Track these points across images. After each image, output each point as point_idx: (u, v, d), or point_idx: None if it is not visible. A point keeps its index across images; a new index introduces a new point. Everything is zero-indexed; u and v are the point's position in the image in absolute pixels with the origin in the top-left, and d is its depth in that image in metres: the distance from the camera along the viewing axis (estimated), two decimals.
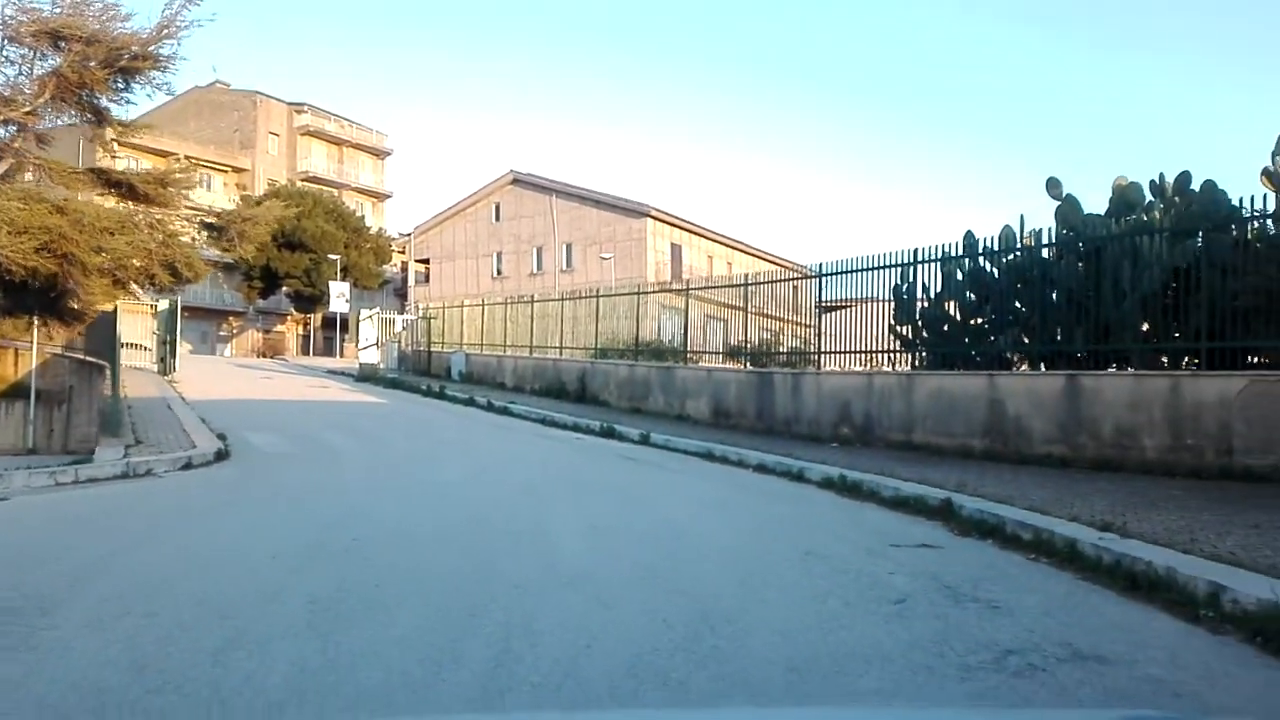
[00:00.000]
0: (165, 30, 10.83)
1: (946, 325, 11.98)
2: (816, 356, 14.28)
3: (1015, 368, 11.14)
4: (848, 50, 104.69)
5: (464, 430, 14.72)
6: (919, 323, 12.20)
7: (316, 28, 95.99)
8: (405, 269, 56.30)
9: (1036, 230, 10.77)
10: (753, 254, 47.88)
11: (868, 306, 13.12)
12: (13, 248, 8.68)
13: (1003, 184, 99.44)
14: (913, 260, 12.05)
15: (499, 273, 48.63)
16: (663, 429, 13.58)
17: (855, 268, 13.29)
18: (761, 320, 16.21)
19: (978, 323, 11.68)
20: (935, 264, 11.81)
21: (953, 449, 10.63)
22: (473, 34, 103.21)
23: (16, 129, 10.89)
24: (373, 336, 28.67)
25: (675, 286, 20.06)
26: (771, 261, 44.97)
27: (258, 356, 46.49)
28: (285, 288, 49.15)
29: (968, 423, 10.60)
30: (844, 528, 6.73)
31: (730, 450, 11.17)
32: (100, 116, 11.28)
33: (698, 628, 3.90)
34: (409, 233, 54.29)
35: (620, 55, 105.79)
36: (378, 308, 36.54)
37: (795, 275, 15.97)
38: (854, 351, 13.38)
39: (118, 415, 11.60)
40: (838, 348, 13.89)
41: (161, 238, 11.30)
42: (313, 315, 52.42)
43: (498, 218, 49.07)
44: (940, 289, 11.80)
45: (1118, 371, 9.61)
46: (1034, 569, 5.25)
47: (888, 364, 12.82)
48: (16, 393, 20.58)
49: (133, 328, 25.78)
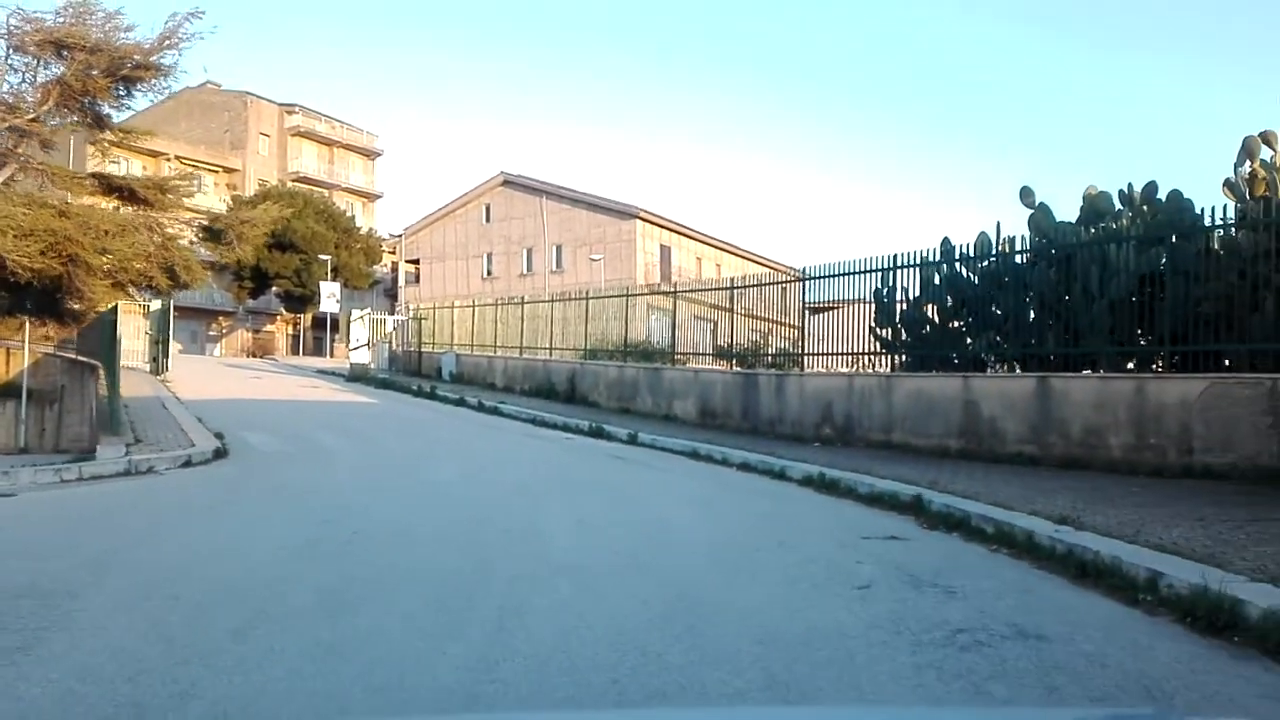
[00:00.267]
0: (167, 41, 11.12)
1: (926, 328, 12.37)
2: (801, 358, 14.65)
3: (992, 369, 11.53)
4: (840, 53, 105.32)
5: (455, 430, 15.03)
6: (898, 326, 12.59)
7: (307, 29, 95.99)
8: (395, 269, 56.50)
9: (1010, 237, 11.17)
10: (742, 256, 48.30)
11: (852, 309, 13.50)
12: (19, 251, 8.97)
13: (984, 190, 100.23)
14: (892, 265, 12.43)
15: (489, 274, 48.90)
16: (650, 429, 13.93)
17: (838, 272, 13.68)
18: (750, 321, 16.58)
19: (955, 326, 12.06)
20: (914, 269, 12.19)
21: (930, 448, 11.01)
22: (463, 35, 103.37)
23: (20, 135, 11.14)
24: (364, 337, 28.90)
25: (664, 289, 20.42)
26: (760, 263, 45.42)
27: (247, 356, 46.60)
28: (275, 288, 49.26)
29: (944, 423, 10.98)
30: (819, 522, 7.09)
31: (715, 450, 11.52)
32: (102, 123, 11.56)
33: (676, 608, 4.25)
34: (400, 234, 54.47)
35: (612, 57, 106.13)
36: (369, 308, 36.78)
37: (780, 279, 16.34)
38: (837, 354, 13.77)
39: (118, 414, 11.87)
40: (822, 350, 14.27)
41: (160, 240, 11.56)
42: (303, 315, 52.53)
43: (488, 219, 49.34)
44: (919, 293, 12.19)
45: (1085, 374, 9.99)
46: (993, 559, 5.62)
47: (872, 365, 13.20)
48: (8, 392, 20.70)
49: (125, 328, 25.94)
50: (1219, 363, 9.34)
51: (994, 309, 11.51)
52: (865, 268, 12.95)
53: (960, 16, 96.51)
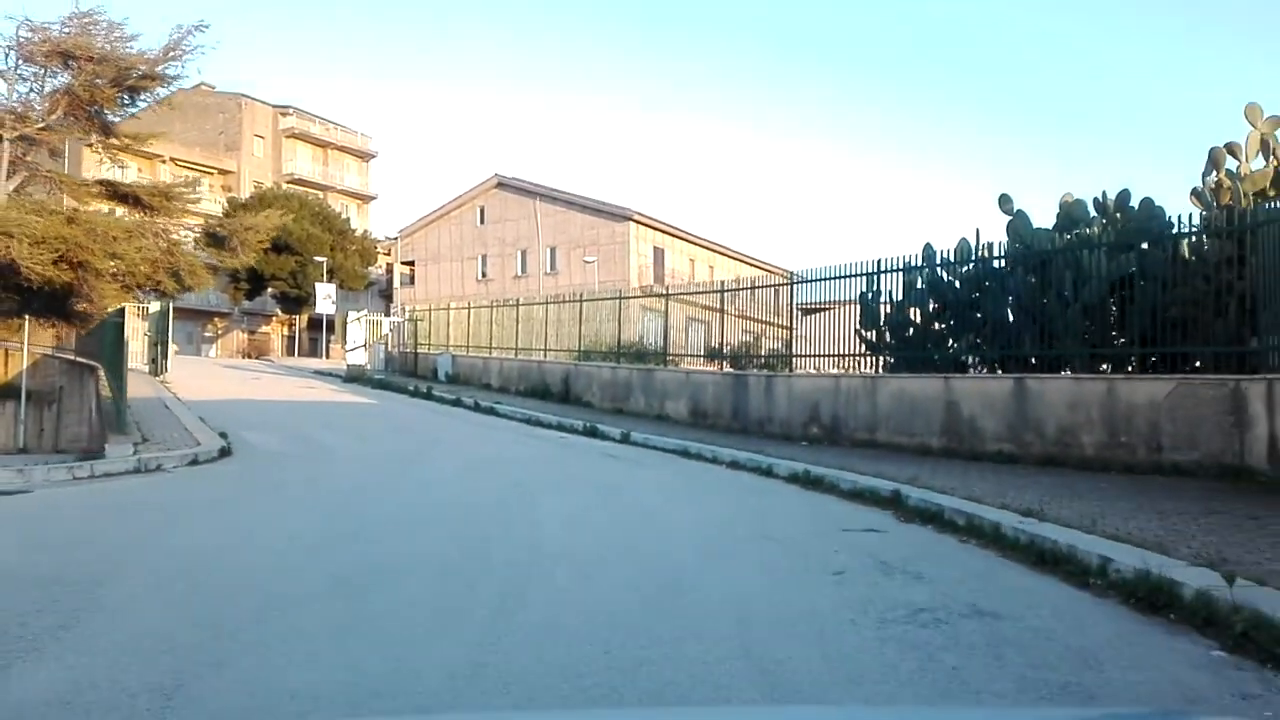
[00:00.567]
0: (172, 52, 11.45)
1: (909, 331, 12.75)
2: (790, 359, 15.02)
3: (973, 371, 11.91)
4: (834, 55, 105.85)
5: (452, 429, 15.36)
6: (883, 328, 12.97)
7: (302, 31, 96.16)
8: (390, 270, 56.79)
9: (990, 243, 11.56)
10: (734, 257, 48.73)
11: (840, 311, 13.89)
12: (33, 258, 9.29)
13: (971, 194, 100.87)
14: (877, 270, 12.82)
15: (484, 275, 49.24)
16: (643, 428, 14.28)
17: (826, 276, 14.08)
18: (742, 322, 16.96)
19: (938, 328, 12.45)
20: (898, 273, 12.57)
21: (913, 447, 11.38)
22: (457, 38, 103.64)
23: (29, 143, 11.45)
24: (360, 338, 29.23)
25: (656, 291, 20.78)
26: (752, 265, 45.82)
27: (243, 357, 46.83)
28: (271, 289, 49.51)
29: (926, 422, 11.36)
30: (802, 515, 7.46)
31: (706, 448, 11.88)
32: (108, 131, 11.88)
33: (662, 591, 4.62)
34: (395, 235, 54.79)
35: (605, 60, 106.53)
36: (365, 309, 37.07)
37: (770, 283, 16.71)
38: (826, 355, 14.15)
39: (125, 414, 12.18)
40: (811, 351, 14.66)
41: (165, 245, 11.88)
42: (298, 316, 52.78)
43: (482, 221, 49.69)
44: (902, 297, 12.57)
45: (1060, 375, 10.38)
46: (962, 548, 6.00)
47: (858, 367, 13.57)
48: (7, 393, 20.98)
49: (125, 329, 26.25)
50: (1188, 364, 9.74)
51: (975, 312, 11.89)
52: (851, 272, 13.34)
53: (955, 24, 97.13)
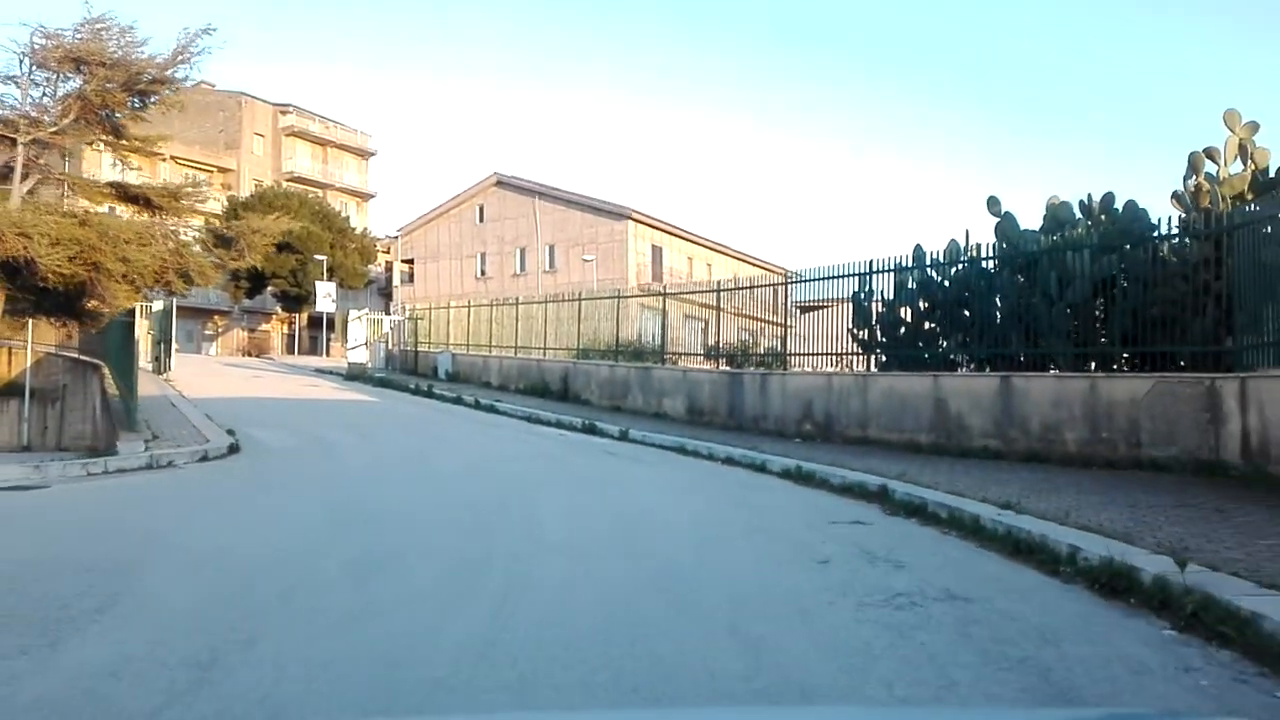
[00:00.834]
0: (180, 56, 11.74)
1: (900, 330, 13.06)
2: (785, 358, 15.33)
3: (963, 369, 12.22)
4: (831, 53, 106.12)
5: (454, 427, 15.67)
6: (875, 327, 13.29)
7: (301, 29, 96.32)
8: (390, 269, 57.09)
9: (978, 244, 11.87)
10: (732, 256, 49.04)
11: (835, 310, 14.22)
12: (50, 258, 9.59)
13: (965, 193, 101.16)
14: (869, 270, 13.13)
15: (483, 273, 49.54)
16: (641, 426, 14.59)
17: (819, 276, 14.43)
18: (739, 320, 17.27)
19: (928, 328, 12.76)
20: (889, 274, 12.89)
21: (903, 443, 11.69)
22: (456, 37, 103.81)
23: (42, 146, 11.74)
24: (362, 336, 29.54)
25: (654, 290, 21.09)
26: (750, 263, 46.12)
27: (243, 355, 47.10)
28: (271, 288, 49.77)
29: (916, 419, 11.67)
30: (792, 509, 7.78)
31: (702, 445, 12.19)
32: (119, 133, 12.17)
33: (657, 578, 4.94)
34: (396, 234, 55.06)
35: (605, 59, 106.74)
36: (366, 308, 37.37)
37: (766, 282, 17.03)
38: (820, 354, 14.47)
39: (135, 412, 12.48)
40: (805, 350, 14.98)
41: (174, 246, 12.18)
42: (298, 314, 53.05)
43: (481, 219, 49.99)
44: (893, 297, 12.88)
45: (1044, 373, 10.69)
46: (942, 539, 6.31)
47: (853, 365, 13.89)
48: (10, 391, 21.29)
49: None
50: (1169, 363, 10.05)
51: (964, 312, 12.20)
52: (844, 272, 13.66)
53: (952, 28, 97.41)
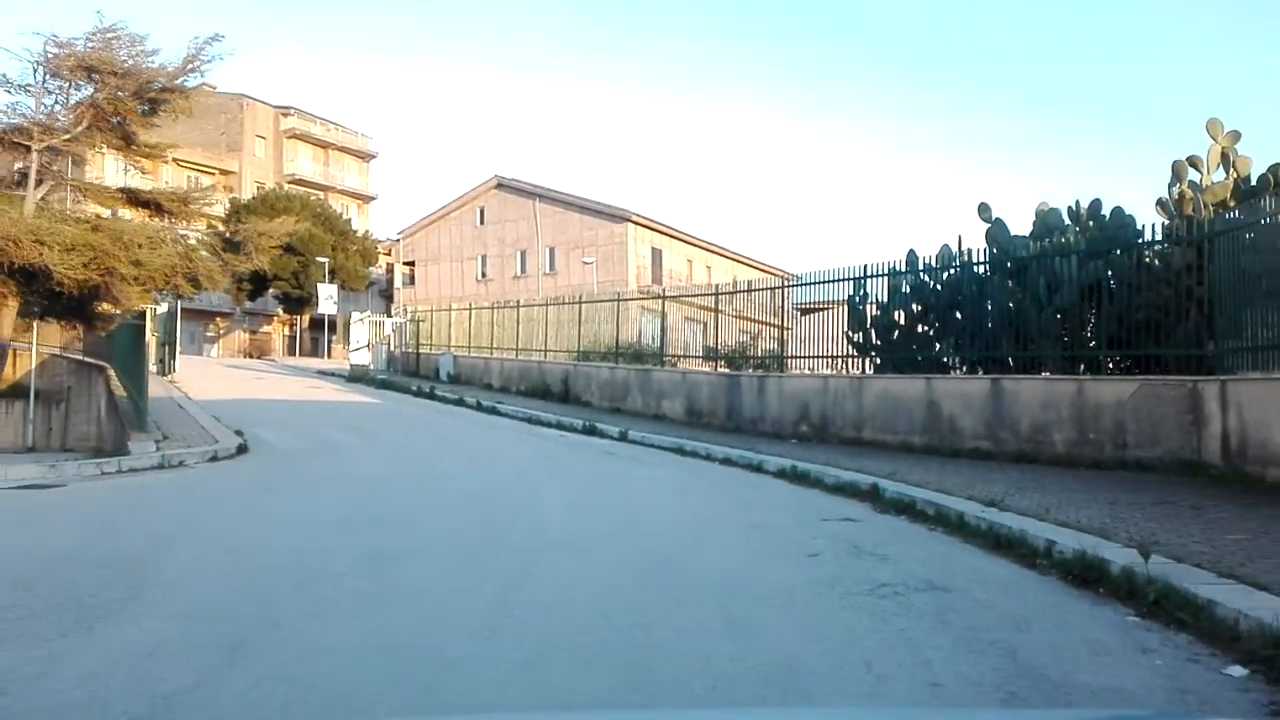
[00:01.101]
0: (190, 65, 12.02)
1: (895, 333, 13.32)
2: (783, 360, 15.60)
3: (955, 371, 12.48)
4: (829, 53, 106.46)
5: (456, 428, 15.93)
6: (870, 331, 13.55)
7: (302, 32, 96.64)
8: (391, 271, 57.36)
9: (969, 250, 12.14)
10: (732, 258, 49.31)
11: (832, 313, 14.49)
12: (65, 264, 9.86)
13: (961, 194, 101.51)
14: (863, 275, 13.41)
15: (483, 275, 49.81)
16: (640, 427, 14.86)
17: (816, 280, 14.74)
18: (739, 322, 17.54)
19: (921, 331, 13.02)
20: (883, 278, 13.16)
21: (896, 444, 11.95)
22: (456, 39, 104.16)
23: (54, 153, 12.01)
24: (364, 339, 29.80)
25: (653, 293, 21.36)
26: (749, 265, 46.41)
27: (245, 357, 47.37)
28: (273, 289, 50.02)
29: (909, 421, 11.93)
30: (786, 507, 8.04)
31: (700, 446, 12.45)
32: (130, 140, 12.44)
33: (654, 570, 5.20)
34: (397, 236, 55.34)
35: (606, 62, 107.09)
36: (368, 310, 37.64)
37: (763, 286, 17.27)
38: (818, 356, 14.74)
39: (145, 413, 12.74)
40: (804, 352, 15.24)
41: (183, 250, 12.45)
42: (299, 316, 53.31)
43: (482, 221, 50.26)
44: (887, 301, 13.15)
45: (1033, 375, 10.95)
46: (929, 535, 6.57)
47: (849, 367, 14.15)
48: (15, 393, 21.55)
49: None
50: (1155, 365, 10.31)
51: (956, 315, 12.46)
52: (839, 277, 13.95)
53: (951, 29, 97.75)
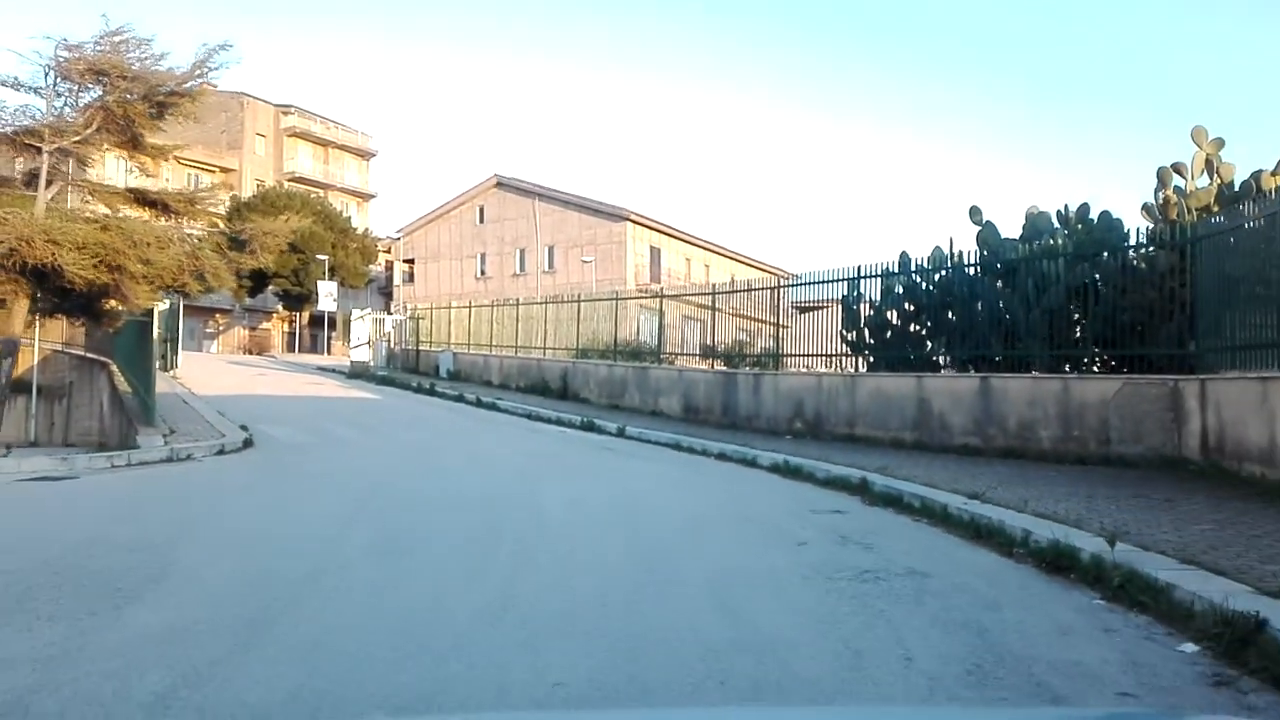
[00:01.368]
0: (198, 70, 12.27)
1: (888, 333, 13.61)
2: (779, 358, 15.88)
3: (946, 370, 12.76)
4: (828, 52, 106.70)
5: (457, 424, 16.20)
6: (864, 330, 13.84)
7: (303, 30, 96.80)
8: (390, 268, 57.62)
9: (960, 251, 12.41)
10: (730, 257, 49.60)
11: (830, 311, 14.78)
12: (76, 264, 10.12)
13: (955, 196, 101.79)
14: (857, 275, 13.70)
15: (482, 273, 50.07)
16: (638, 423, 15.13)
17: (811, 280, 15.05)
18: (736, 321, 17.82)
19: (914, 331, 13.31)
20: (877, 279, 13.45)
21: (888, 441, 12.24)
22: (457, 37, 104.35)
23: (64, 154, 12.27)
24: (365, 335, 30.07)
25: (651, 292, 21.65)
26: (747, 264, 46.68)
27: (245, 353, 47.62)
28: (273, 286, 50.25)
29: (900, 418, 12.22)
30: (778, 500, 8.31)
31: (696, 442, 12.73)
32: (138, 143, 12.70)
33: (650, 556, 5.48)
34: (397, 234, 55.58)
35: (605, 60, 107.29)
36: (369, 308, 37.89)
37: (759, 285, 17.56)
38: (813, 355, 15.03)
39: (153, 409, 13.00)
40: (799, 350, 15.53)
41: (190, 249, 12.71)
42: (299, 313, 53.56)
43: (481, 220, 50.52)
44: (880, 301, 13.44)
45: (1021, 374, 11.23)
46: (913, 526, 6.85)
47: (844, 365, 14.44)
48: (17, 387, 21.78)
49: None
50: (1140, 365, 10.59)
51: (948, 315, 12.74)
52: (834, 277, 14.24)
53: (951, 30, 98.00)
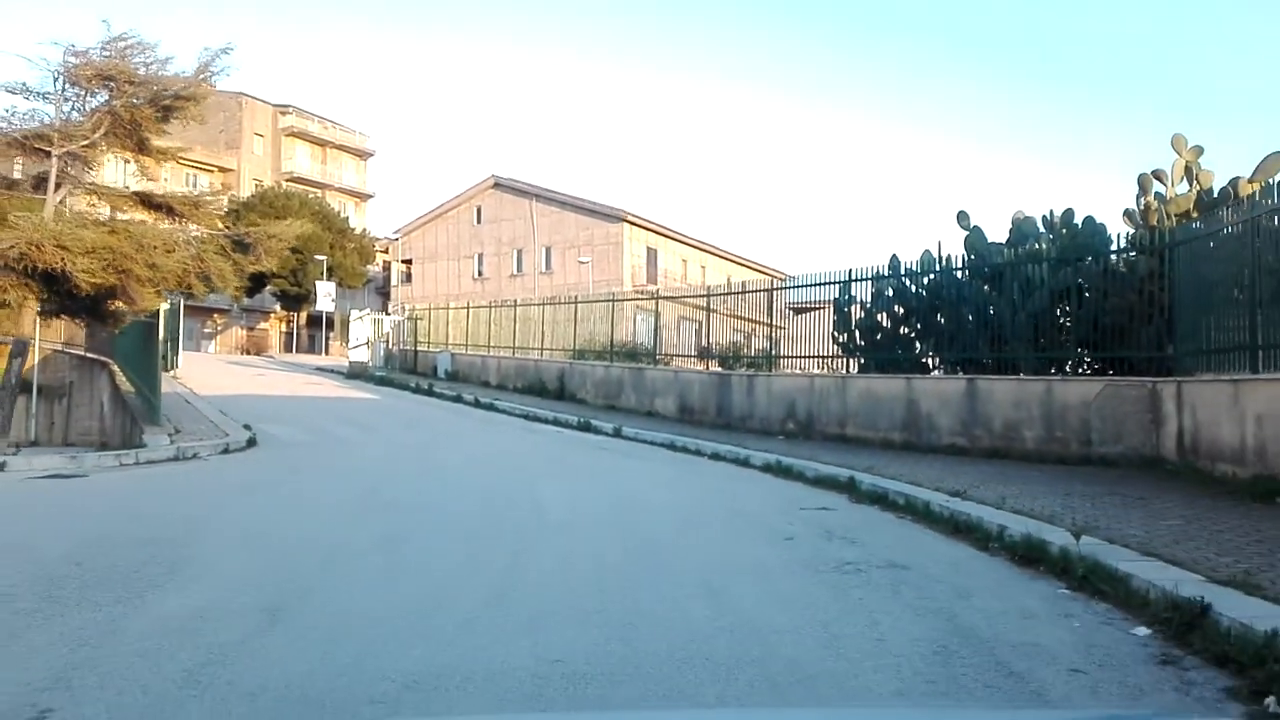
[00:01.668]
0: (202, 75, 12.53)
1: (878, 335, 13.90)
2: (773, 360, 16.17)
3: (935, 372, 13.05)
4: (826, 54, 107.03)
5: (455, 424, 16.47)
6: (855, 332, 14.13)
7: (301, 29, 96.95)
8: (388, 268, 57.84)
9: (949, 255, 12.71)
10: (726, 258, 49.86)
11: (824, 313, 15.07)
12: (84, 268, 10.37)
13: (944, 200, 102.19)
14: (849, 279, 13.99)
15: (480, 274, 50.28)
16: (634, 424, 15.41)
17: (804, 283, 15.38)
18: (732, 322, 18.10)
19: (904, 333, 13.60)
20: (868, 282, 13.75)
21: (878, 441, 12.53)
22: (455, 37, 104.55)
23: (71, 158, 12.52)
24: (364, 335, 30.31)
25: (648, 293, 21.92)
26: (743, 265, 46.97)
27: (243, 353, 47.80)
28: (271, 286, 50.44)
29: (890, 419, 12.50)
30: (768, 498, 8.59)
31: (690, 442, 13.00)
32: (144, 146, 12.95)
33: (643, 550, 5.76)
34: (394, 234, 55.78)
35: (602, 61, 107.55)
36: (367, 308, 38.12)
37: (754, 288, 17.86)
38: (806, 356, 15.32)
39: (158, 409, 13.25)
40: (793, 352, 15.82)
41: (195, 252, 12.97)
42: (297, 313, 53.77)
43: (479, 220, 50.74)
44: (871, 304, 13.73)
45: (1006, 376, 11.52)
46: (896, 522, 7.14)
47: (836, 367, 14.72)
48: (20, 387, 22.01)
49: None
50: (1122, 367, 10.89)
51: (936, 318, 13.03)
52: (827, 280, 14.54)
53: (949, 33, 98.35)
